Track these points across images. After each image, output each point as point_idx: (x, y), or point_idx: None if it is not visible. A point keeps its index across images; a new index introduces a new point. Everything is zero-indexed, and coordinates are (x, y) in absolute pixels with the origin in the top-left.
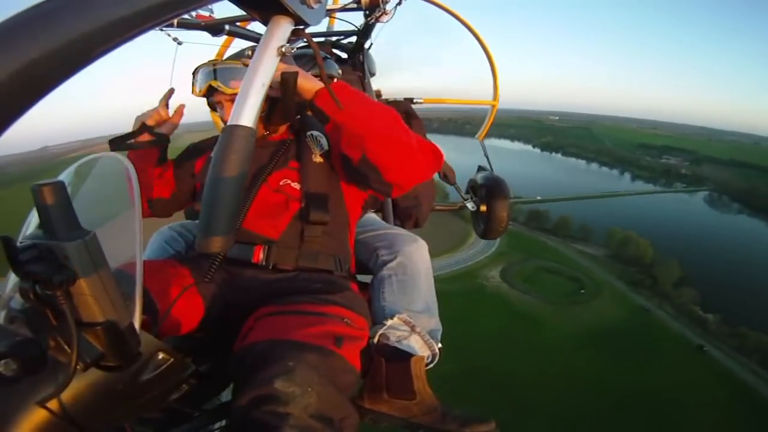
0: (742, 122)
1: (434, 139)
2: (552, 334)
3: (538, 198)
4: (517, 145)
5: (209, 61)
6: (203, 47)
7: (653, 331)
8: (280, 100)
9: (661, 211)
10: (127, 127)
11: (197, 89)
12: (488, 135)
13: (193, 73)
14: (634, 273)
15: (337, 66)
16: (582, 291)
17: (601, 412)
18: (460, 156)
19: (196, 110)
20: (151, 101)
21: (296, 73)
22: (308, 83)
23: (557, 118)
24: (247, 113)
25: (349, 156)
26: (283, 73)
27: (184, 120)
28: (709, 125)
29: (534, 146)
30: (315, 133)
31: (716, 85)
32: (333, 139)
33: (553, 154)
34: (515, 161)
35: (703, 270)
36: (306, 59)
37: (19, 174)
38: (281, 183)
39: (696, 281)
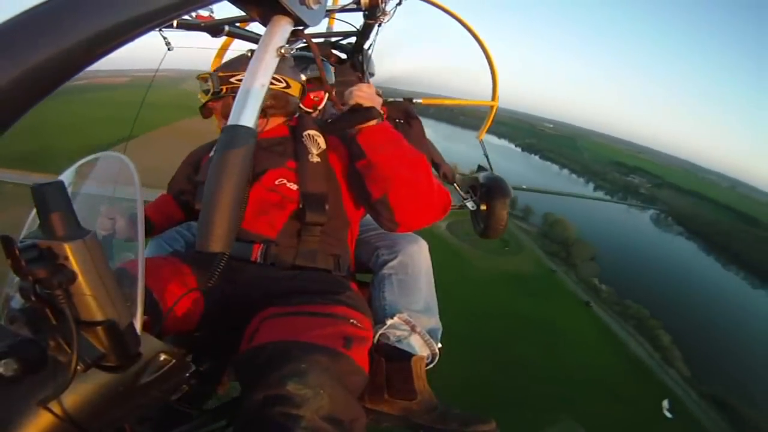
0: (734, 166)
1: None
2: (478, 272)
3: (524, 187)
4: (502, 142)
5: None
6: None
7: (554, 286)
8: (338, 118)
9: (607, 217)
10: None
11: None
12: (478, 127)
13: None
14: (554, 246)
15: (332, 68)
16: (506, 248)
17: (510, 325)
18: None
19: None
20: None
21: (382, 114)
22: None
23: (551, 126)
24: (248, 113)
25: (371, 192)
26: (372, 108)
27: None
28: (697, 162)
29: (516, 145)
30: (312, 132)
31: (722, 128)
32: (360, 173)
33: (532, 155)
34: (493, 154)
35: (615, 260)
36: (298, 60)
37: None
38: (276, 182)
39: (603, 263)
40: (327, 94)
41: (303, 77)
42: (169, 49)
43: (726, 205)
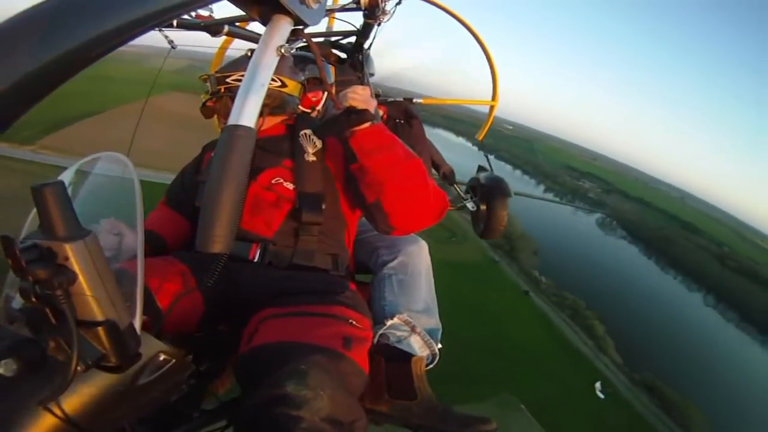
0: (684, 179)
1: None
2: None
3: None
4: (459, 140)
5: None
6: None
7: (496, 275)
8: (334, 117)
9: (553, 217)
10: None
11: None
12: (438, 125)
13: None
14: (499, 239)
15: (331, 68)
16: (453, 238)
17: (454, 309)
18: None
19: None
20: None
21: (374, 115)
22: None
23: (511, 127)
24: (248, 113)
25: (365, 196)
26: (365, 111)
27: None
28: (650, 172)
29: (473, 144)
30: (308, 131)
31: (680, 141)
32: (354, 176)
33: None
34: (449, 151)
35: (557, 256)
36: (298, 60)
37: None
38: (273, 181)
39: (545, 258)
40: (325, 94)
41: (302, 77)
42: (172, 47)
43: (671, 214)
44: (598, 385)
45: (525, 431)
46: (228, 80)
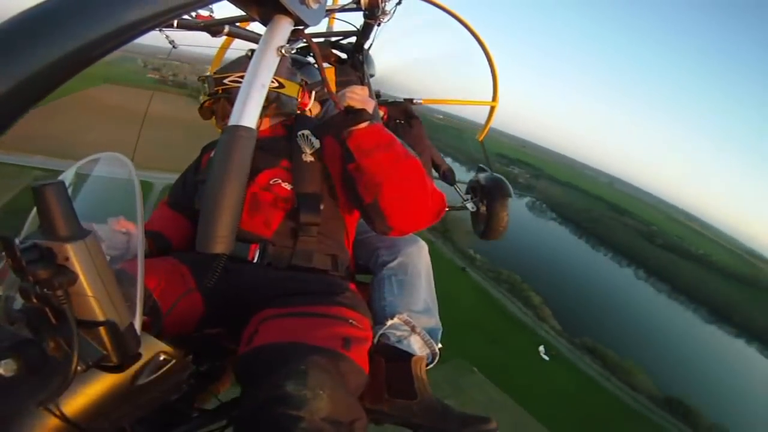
0: (610, 164)
1: None
2: None
3: None
4: None
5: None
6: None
7: (433, 254)
8: (332, 117)
9: None
10: None
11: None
12: None
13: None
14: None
15: (314, 67)
16: None
17: None
18: None
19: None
20: None
21: (370, 115)
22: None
23: (441, 117)
24: (248, 114)
25: (362, 196)
26: (363, 111)
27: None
28: (577, 158)
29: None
30: (305, 132)
31: (608, 128)
32: (351, 176)
33: None
34: None
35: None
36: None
37: None
38: (271, 182)
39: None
40: (314, 94)
41: (299, 78)
42: (174, 47)
43: (599, 196)
44: (541, 348)
45: (480, 389)
46: (225, 81)
